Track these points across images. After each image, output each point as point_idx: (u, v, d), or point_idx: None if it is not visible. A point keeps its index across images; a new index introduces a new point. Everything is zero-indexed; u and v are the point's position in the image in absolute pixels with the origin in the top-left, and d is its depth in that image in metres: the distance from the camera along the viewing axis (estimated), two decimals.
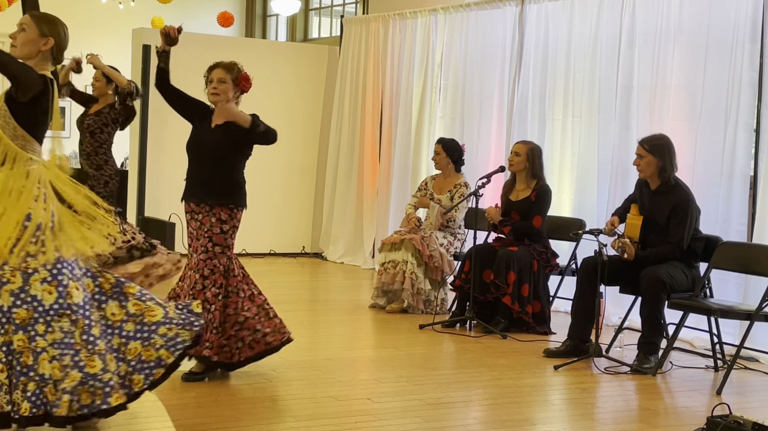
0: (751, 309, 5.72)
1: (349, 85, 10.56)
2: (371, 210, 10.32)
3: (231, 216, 5.22)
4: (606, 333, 6.61)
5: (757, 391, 5.69)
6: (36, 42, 4.06)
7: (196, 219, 5.25)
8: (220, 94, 5.25)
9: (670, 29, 7.22)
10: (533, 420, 4.85)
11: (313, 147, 11.22)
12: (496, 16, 8.80)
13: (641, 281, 5.94)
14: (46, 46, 4.07)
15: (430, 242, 7.50)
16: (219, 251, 5.20)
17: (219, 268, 5.19)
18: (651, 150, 6.06)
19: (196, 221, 5.25)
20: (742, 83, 6.68)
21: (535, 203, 7.06)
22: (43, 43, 4.06)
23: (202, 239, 5.20)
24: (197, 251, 5.21)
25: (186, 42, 10.46)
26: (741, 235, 6.64)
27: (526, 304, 6.89)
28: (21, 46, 4.06)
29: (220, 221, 5.21)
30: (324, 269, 10.23)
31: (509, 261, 6.87)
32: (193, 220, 5.28)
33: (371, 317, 7.48)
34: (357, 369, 5.86)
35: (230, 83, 5.24)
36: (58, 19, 4.17)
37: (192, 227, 5.28)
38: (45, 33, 4.07)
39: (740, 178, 6.72)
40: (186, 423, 4.45)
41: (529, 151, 7.13)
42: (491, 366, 5.90)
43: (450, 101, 9.36)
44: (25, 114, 4.02)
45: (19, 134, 4.01)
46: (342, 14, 11.56)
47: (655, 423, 4.87)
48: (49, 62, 4.12)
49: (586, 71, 7.89)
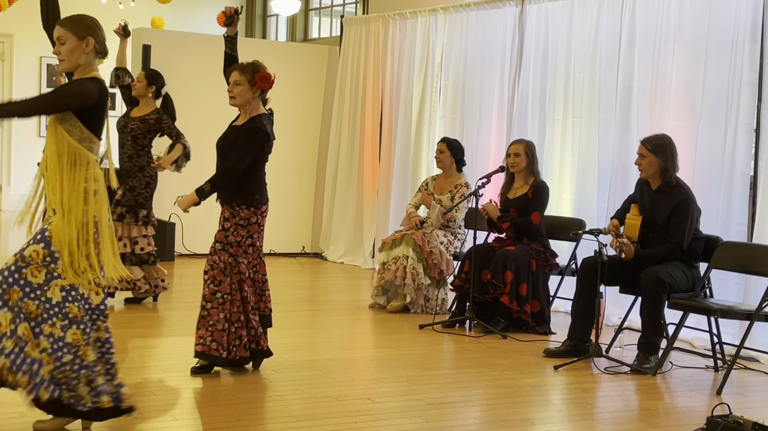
0: (751, 309, 5.72)
1: (349, 85, 10.56)
2: (371, 210, 10.32)
3: (233, 214, 5.24)
4: (606, 333, 6.62)
5: (757, 391, 5.69)
6: (78, 48, 4.04)
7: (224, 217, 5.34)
8: (235, 97, 5.26)
9: (670, 29, 7.22)
10: (533, 420, 4.85)
11: (313, 147, 11.22)
12: (496, 16, 8.80)
13: (641, 281, 5.94)
14: (88, 47, 4.05)
15: (431, 238, 7.51)
16: (219, 248, 5.24)
17: (218, 264, 5.23)
18: (653, 150, 6.06)
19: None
20: (742, 83, 6.68)
21: (533, 200, 7.07)
22: (84, 46, 4.05)
23: None
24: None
25: (186, 42, 10.51)
26: (741, 235, 6.64)
27: (525, 303, 6.90)
28: (68, 59, 4.05)
29: (223, 218, 5.26)
30: (324, 269, 10.23)
31: (506, 261, 6.87)
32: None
33: (371, 318, 7.48)
34: (357, 369, 5.86)
35: (246, 85, 5.24)
36: (85, 16, 4.15)
37: None
38: (82, 35, 4.06)
39: (740, 178, 6.72)
40: (186, 422, 4.46)
41: (527, 149, 7.15)
42: (491, 366, 5.90)
43: (450, 101, 9.36)
44: (89, 116, 4.02)
45: (86, 135, 4.02)
46: (342, 14, 11.57)
47: (655, 423, 4.87)
48: (96, 59, 4.12)
49: (586, 71, 7.89)
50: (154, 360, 5.78)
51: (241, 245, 5.26)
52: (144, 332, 6.62)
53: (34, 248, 3.96)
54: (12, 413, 4.34)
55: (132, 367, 5.52)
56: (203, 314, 5.25)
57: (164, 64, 9.12)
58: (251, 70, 5.25)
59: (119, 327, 6.54)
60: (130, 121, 7.25)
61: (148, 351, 6.10)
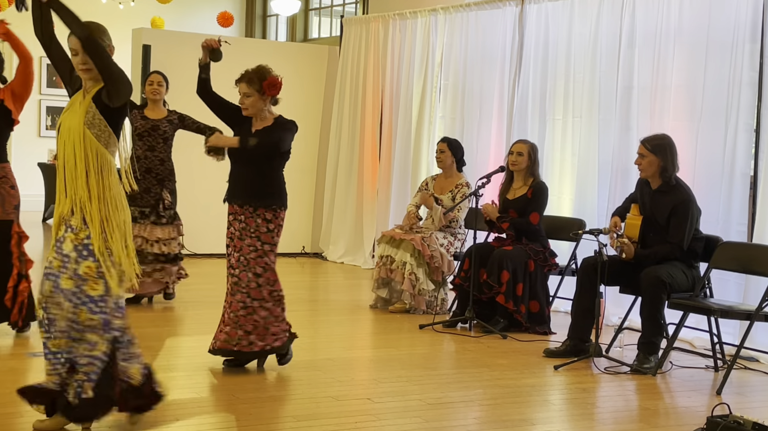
0: (751, 309, 5.72)
1: (349, 85, 10.56)
2: (371, 210, 10.32)
3: (275, 216, 5.35)
4: (606, 333, 6.61)
5: (757, 391, 5.69)
6: None
7: (240, 220, 5.36)
8: (248, 108, 5.34)
9: (670, 29, 7.22)
10: (533, 420, 4.85)
11: (313, 147, 11.22)
12: (496, 16, 8.81)
13: (641, 281, 5.94)
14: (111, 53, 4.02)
15: (430, 242, 7.50)
16: (268, 249, 5.34)
17: (270, 265, 5.35)
18: (653, 150, 6.06)
19: (239, 221, 5.36)
20: (743, 83, 6.69)
21: (532, 200, 7.07)
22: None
23: (248, 239, 5.32)
24: (242, 250, 5.33)
25: (186, 42, 10.51)
26: (741, 235, 6.65)
27: (520, 303, 6.89)
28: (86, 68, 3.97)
29: (265, 221, 5.33)
30: (324, 269, 10.23)
31: (502, 261, 6.87)
32: (236, 221, 5.38)
33: (371, 318, 7.47)
34: (357, 369, 5.86)
35: (256, 95, 5.30)
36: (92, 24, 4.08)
37: (234, 228, 5.38)
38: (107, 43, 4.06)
39: (740, 178, 6.73)
40: (186, 422, 4.45)
41: (530, 149, 7.16)
42: (491, 366, 5.90)
43: (450, 101, 9.36)
44: (116, 120, 3.99)
45: (112, 140, 3.99)
46: (342, 14, 11.57)
47: (655, 423, 4.87)
48: None
49: (587, 71, 7.89)
50: (154, 360, 5.77)
51: (276, 246, 5.42)
52: (144, 332, 6.60)
53: (87, 264, 3.95)
54: (12, 413, 4.35)
55: None
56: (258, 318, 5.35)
57: (164, 64, 9.11)
58: (258, 80, 5.30)
59: None
60: (157, 122, 7.15)
61: (149, 351, 6.08)
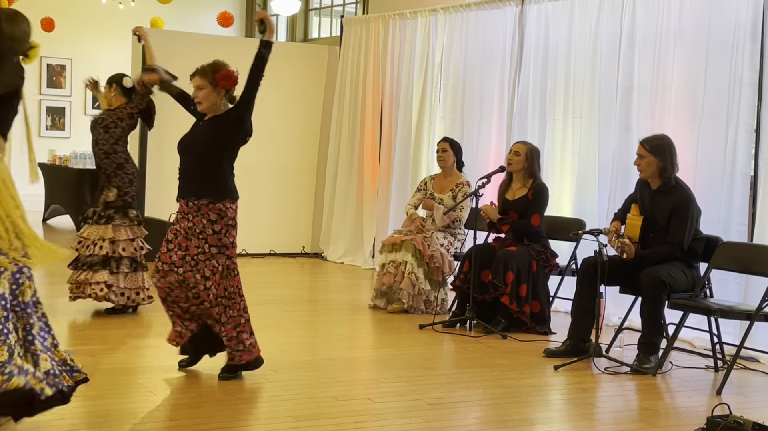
0: (751, 309, 5.72)
1: (349, 85, 10.55)
2: (371, 210, 10.32)
3: (220, 215, 5.14)
4: (606, 333, 6.61)
5: (757, 391, 5.69)
6: None
7: (188, 219, 5.18)
8: (202, 102, 5.22)
9: (670, 30, 7.22)
10: (533, 420, 4.85)
11: (313, 147, 11.21)
12: (496, 16, 8.80)
13: (641, 281, 5.94)
14: None
15: (431, 242, 7.50)
16: (216, 252, 5.15)
17: (218, 268, 5.16)
18: (652, 150, 6.06)
19: (187, 221, 5.18)
20: (743, 83, 6.68)
21: (533, 202, 7.07)
22: None
23: (195, 240, 5.14)
24: (189, 250, 5.13)
25: (186, 42, 10.50)
26: (741, 235, 6.64)
27: (524, 304, 6.90)
28: None
29: (210, 222, 5.13)
30: (324, 269, 10.22)
31: (507, 261, 6.87)
32: (184, 219, 5.19)
33: (371, 318, 7.47)
34: (357, 369, 5.86)
35: (209, 87, 5.18)
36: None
37: (181, 226, 5.19)
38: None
39: (741, 178, 6.72)
40: (186, 422, 4.45)
41: (528, 151, 7.15)
42: (491, 366, 5.90)
43: (450, 101, 9.36)
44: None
45: None
46: (342, 14, 11.57)
47: (655, 423, 4.87)
48: None
49: (587, 72, 7.89)
50: (154, 360, 5.77)
51: (234, 246, 5.23)
52: (144, 332, 6.62)
53: None
54: None
55: (131, 367, 5.52)
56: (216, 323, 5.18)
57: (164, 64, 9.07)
58: (211, 71, 5.19)
59: (119, 327, 6.55)
60: (103, 115, 7.01)
61: (148, 351, 6.10)
